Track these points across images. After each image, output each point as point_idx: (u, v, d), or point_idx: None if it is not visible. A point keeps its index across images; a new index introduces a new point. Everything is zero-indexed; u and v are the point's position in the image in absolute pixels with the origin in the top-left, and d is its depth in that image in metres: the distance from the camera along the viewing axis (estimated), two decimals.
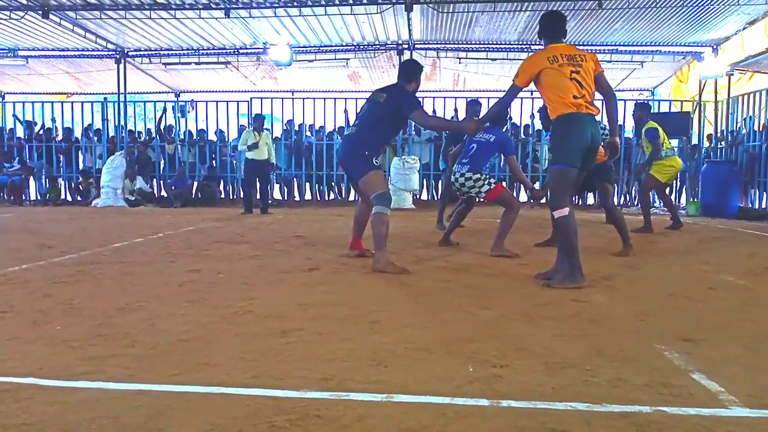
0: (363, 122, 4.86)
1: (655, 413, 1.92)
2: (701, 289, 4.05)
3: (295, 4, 11.26)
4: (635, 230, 7.19)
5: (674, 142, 13.76)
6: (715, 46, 12.70)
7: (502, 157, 6.09)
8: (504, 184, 9.77)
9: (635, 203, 12.83)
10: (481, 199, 5.86)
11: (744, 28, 11.62)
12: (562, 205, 4.08)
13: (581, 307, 3.45)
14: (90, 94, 17.01)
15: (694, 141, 13.36)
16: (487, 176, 5.73)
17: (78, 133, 14.78)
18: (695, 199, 12.12)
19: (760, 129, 11.84)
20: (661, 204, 10.80)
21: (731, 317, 3.29)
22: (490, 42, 13.42)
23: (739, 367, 2.41)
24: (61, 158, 14.49)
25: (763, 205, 11.44)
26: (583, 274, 4.02)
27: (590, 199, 13.05)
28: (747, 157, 12.07)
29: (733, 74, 12.87)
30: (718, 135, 13.33)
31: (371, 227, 4.68)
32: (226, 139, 14.27)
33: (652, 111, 13.94)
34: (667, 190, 13.91)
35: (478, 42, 13.46)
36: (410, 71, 5.01)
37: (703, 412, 1.94)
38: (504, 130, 6.66)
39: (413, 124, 13.84)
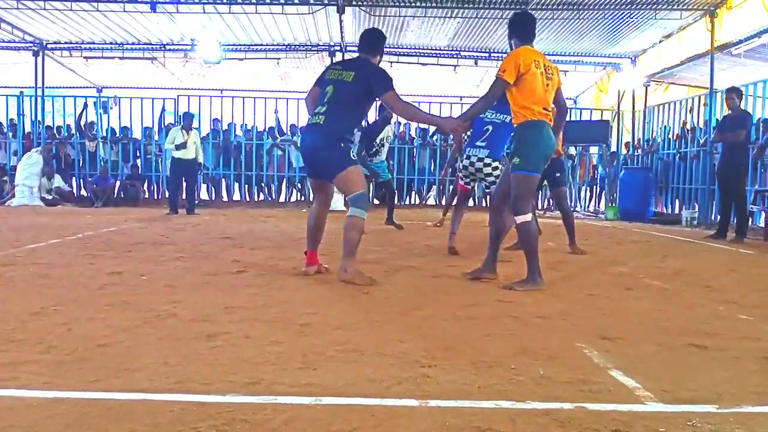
0: (333, 108, 4.07)
1: (577, 410, 1.98)
2: (619, 290, 4.23)
3: (224, 0, 11.05)
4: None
5: (593, 149, 14.39)
6: (633, 58, 13.31)
7: None
8: None
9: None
10: (487, 189, 5.49)
11: (660, 42, 12.25)
12: (525, 210, 4.06)
13: (507, 307, 3.53)
14: (5, 87, 16.10)
15: (613, 148, 13.96)
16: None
17: None
18: (614, 204, 12.66)
19: (674, 138, 12.48)
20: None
21: (647, 316, 3.43)
22: (422, 47, 13.61)
23: (654, 364, 2.52)
24: None
25: (677, 210, 12.06)
26: (542, 277, 4.08)
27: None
28: (662, 165, 12.70)
29: (649, 85, 13.54)
30: (635, 143, 13.98)
31: (344, 231, 4.09)
32: (152, 137, 13.84)
33: (573, 119, 14.48)
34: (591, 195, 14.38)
35: (409, 47, 13.61)
36: (376, 42, 4.33)
37: (621, 408, 2.01)
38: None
39: None
